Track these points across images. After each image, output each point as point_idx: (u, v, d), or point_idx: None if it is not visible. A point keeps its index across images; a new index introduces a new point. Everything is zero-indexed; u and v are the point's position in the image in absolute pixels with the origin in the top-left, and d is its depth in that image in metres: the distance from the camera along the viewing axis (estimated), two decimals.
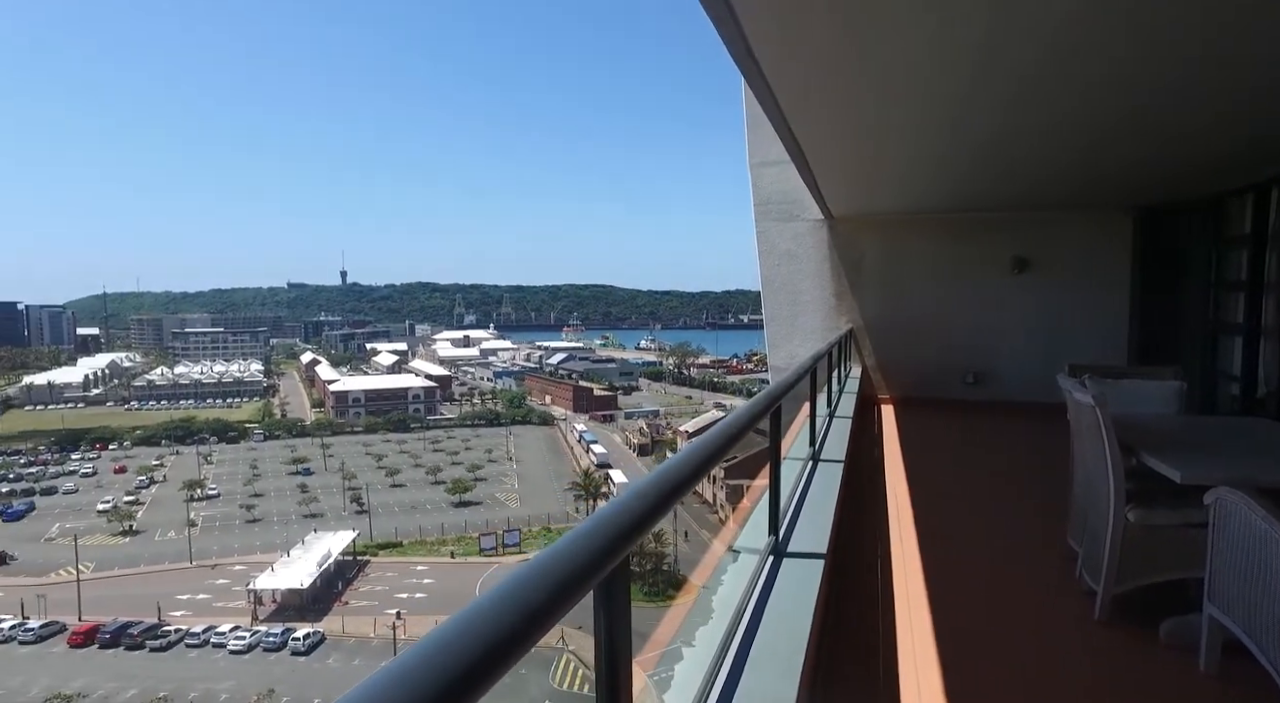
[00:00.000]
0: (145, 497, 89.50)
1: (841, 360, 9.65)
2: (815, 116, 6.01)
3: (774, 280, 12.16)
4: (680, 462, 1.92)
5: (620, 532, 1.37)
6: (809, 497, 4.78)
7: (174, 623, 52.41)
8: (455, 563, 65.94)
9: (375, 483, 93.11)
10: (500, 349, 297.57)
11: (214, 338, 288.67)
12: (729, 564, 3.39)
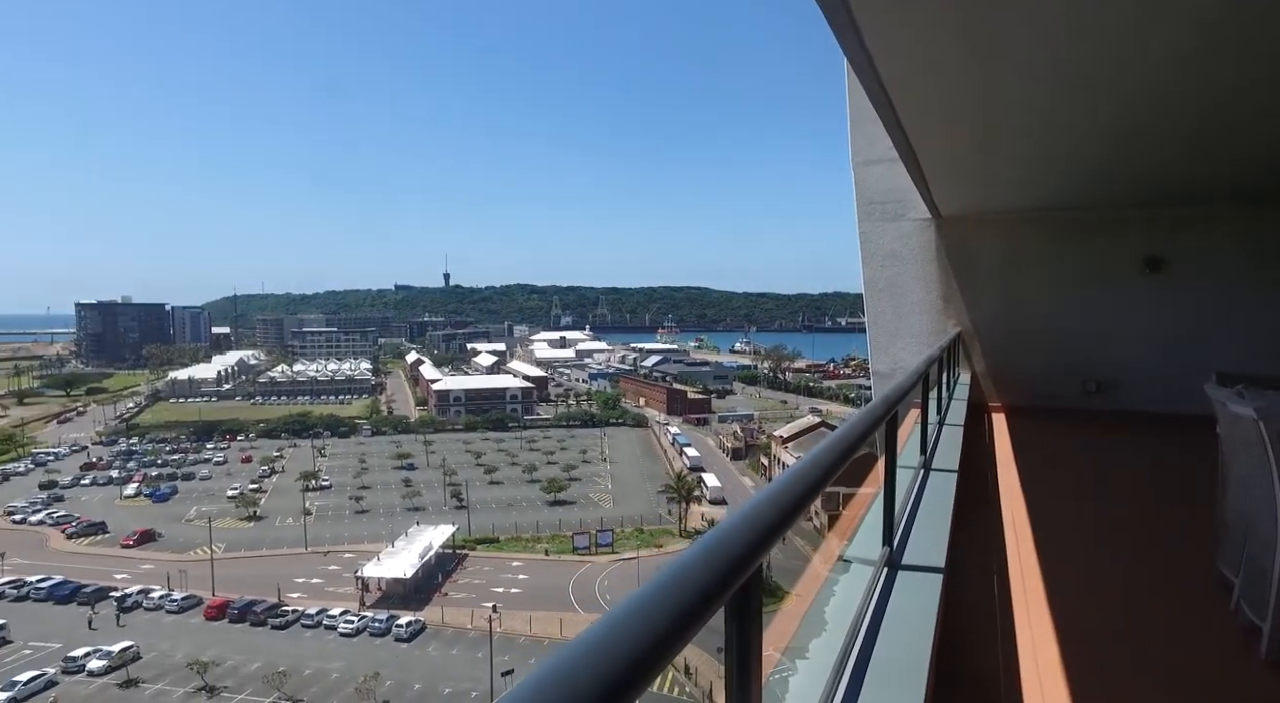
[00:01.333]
0: (267, 485, 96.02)
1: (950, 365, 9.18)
2: (928, 109, 5.70)
3: (877, 283, 11.71)
4: (808, 466, 1.90)
5: (753, 540, 1.30)
6: (921, 507, 4.53)
7: (291, 604, 56.00)
8: (549, 560, 67.27)
9: (474, 479, 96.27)
10: (596, 351, 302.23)
11: (328, 338, 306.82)
12: (840, 574, 3.24)
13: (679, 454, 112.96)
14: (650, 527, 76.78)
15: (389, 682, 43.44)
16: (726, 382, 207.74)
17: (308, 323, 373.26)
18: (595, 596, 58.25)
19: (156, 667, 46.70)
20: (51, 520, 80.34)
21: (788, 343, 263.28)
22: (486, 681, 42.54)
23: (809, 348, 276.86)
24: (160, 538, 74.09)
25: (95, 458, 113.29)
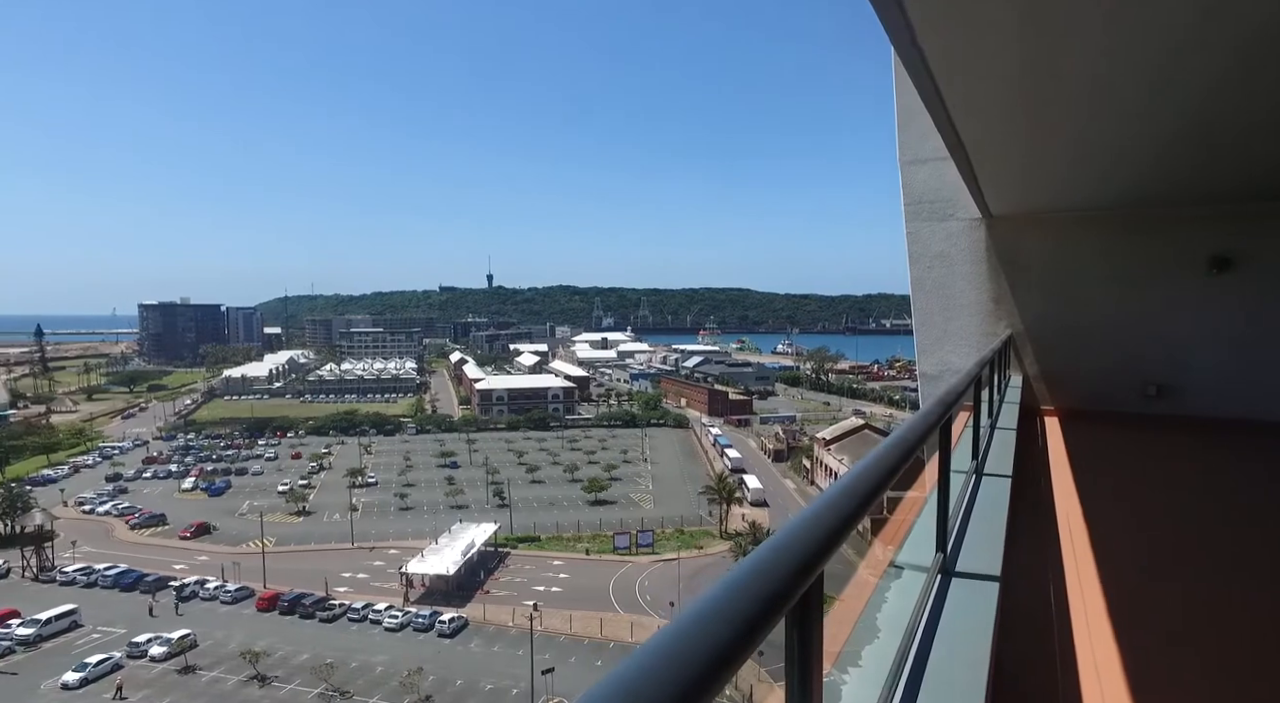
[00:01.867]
0: (316, 481, 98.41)
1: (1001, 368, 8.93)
2: (981, 106, 5.55)
3: (925, 283, 11.44)
4: (867, 471, 1.83)
5: (814, 548, 1.25)
6: (974, 513, 4.40)
7: (338, 598, 57.33)
8: (590, 560, 67.54)
9: (516, 478, 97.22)
10: (637, 351, 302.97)
11: (375, 338, 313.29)
12: (892, 581, 3.16)
13: (720, 456, 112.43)
14: (691, 528, 76.56)
15: (432, 677, 44.14)
16: (768, 383, 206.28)
17: (355, 323, 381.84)
18: (635, 596, 58.29)
19: (212, 655, 48.27)
20: (117, 512, 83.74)
21: (831, 345, 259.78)
22: (527, 678, 42.91)
23: (852, 350, 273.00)
24: (215, 531, 76.61)
25: (156, 453, 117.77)
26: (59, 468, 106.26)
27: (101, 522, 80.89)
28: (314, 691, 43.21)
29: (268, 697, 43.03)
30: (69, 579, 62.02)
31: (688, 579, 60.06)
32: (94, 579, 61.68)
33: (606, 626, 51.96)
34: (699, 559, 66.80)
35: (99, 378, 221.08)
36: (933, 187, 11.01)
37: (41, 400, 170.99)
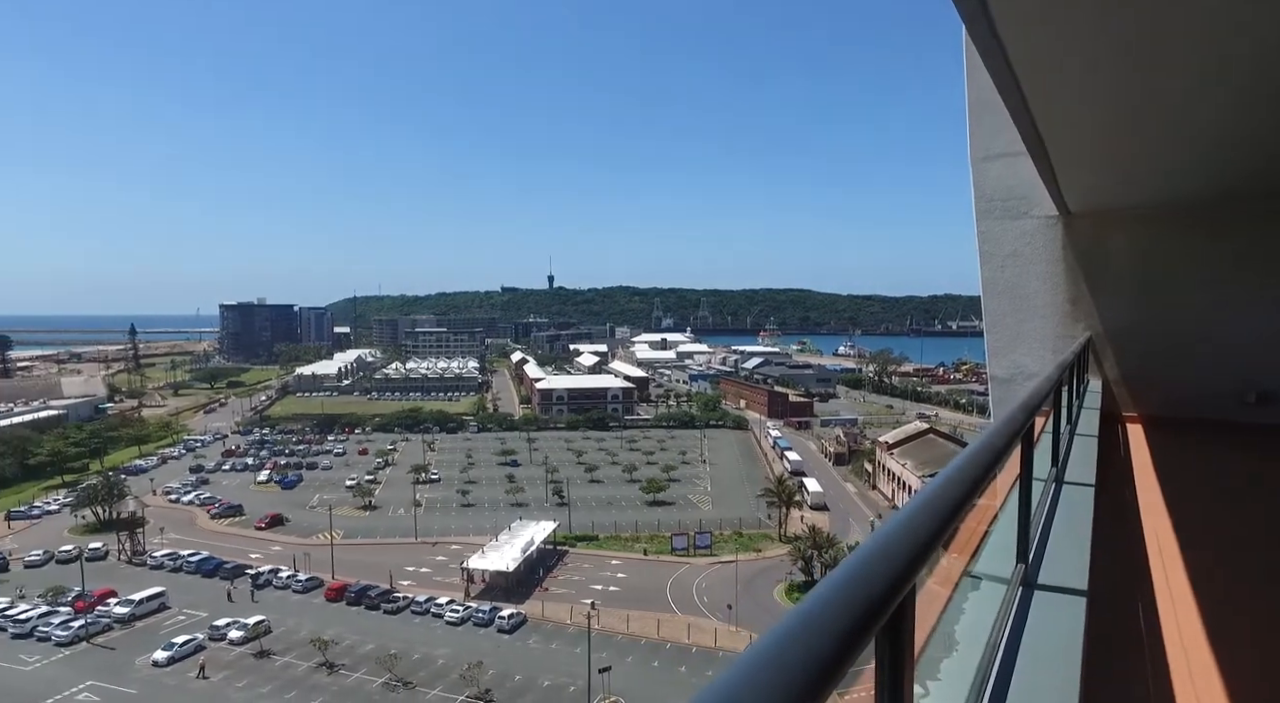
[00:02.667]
0: (381, 477, 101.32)
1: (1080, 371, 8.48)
2: (1062, 96, 5.24)
3: (996, 284, 10.96)
4: (952, 480, 1.75)
5: (903, 564, 1.18)
6: (1055, 523, 4.16)
7: (402, 591, 58.87)
8: (647, 560, 67.58)
9: (575, 478, 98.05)
10: (696, 352, 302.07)
11: (438, 337, 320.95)
12: (969, 592, 2.99)
13: (779, 458, 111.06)
14: (749, 531, 75.84)
15: (491, 671, 44.83)
16: (829, 385, 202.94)
17: (420, 323, 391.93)
18: (693, 598, 58.05)
19: (285, 641, 50.21)
20: (199, 502, 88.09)
21: (894, 347, 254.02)
22: (584, 676, 43.19)
23: (917, 352, 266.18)
24: (288, 522, 79.71)
25: (234, 446, 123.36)
26: (149, 459, 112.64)
27: (186, 510, 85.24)
28: (378, 680, 44.46)
29: (335, 684, 44.47)
30: (157, 563, 65.66)
31: (746, 582, 59.49)
32: (179, 564, 65.13)
33: (663, 627, 51.90)
34: (757, 562, 66.08)
35: (184, 374, 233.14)
36: (1006, 184, 10.55)
37: (134, 395, 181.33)
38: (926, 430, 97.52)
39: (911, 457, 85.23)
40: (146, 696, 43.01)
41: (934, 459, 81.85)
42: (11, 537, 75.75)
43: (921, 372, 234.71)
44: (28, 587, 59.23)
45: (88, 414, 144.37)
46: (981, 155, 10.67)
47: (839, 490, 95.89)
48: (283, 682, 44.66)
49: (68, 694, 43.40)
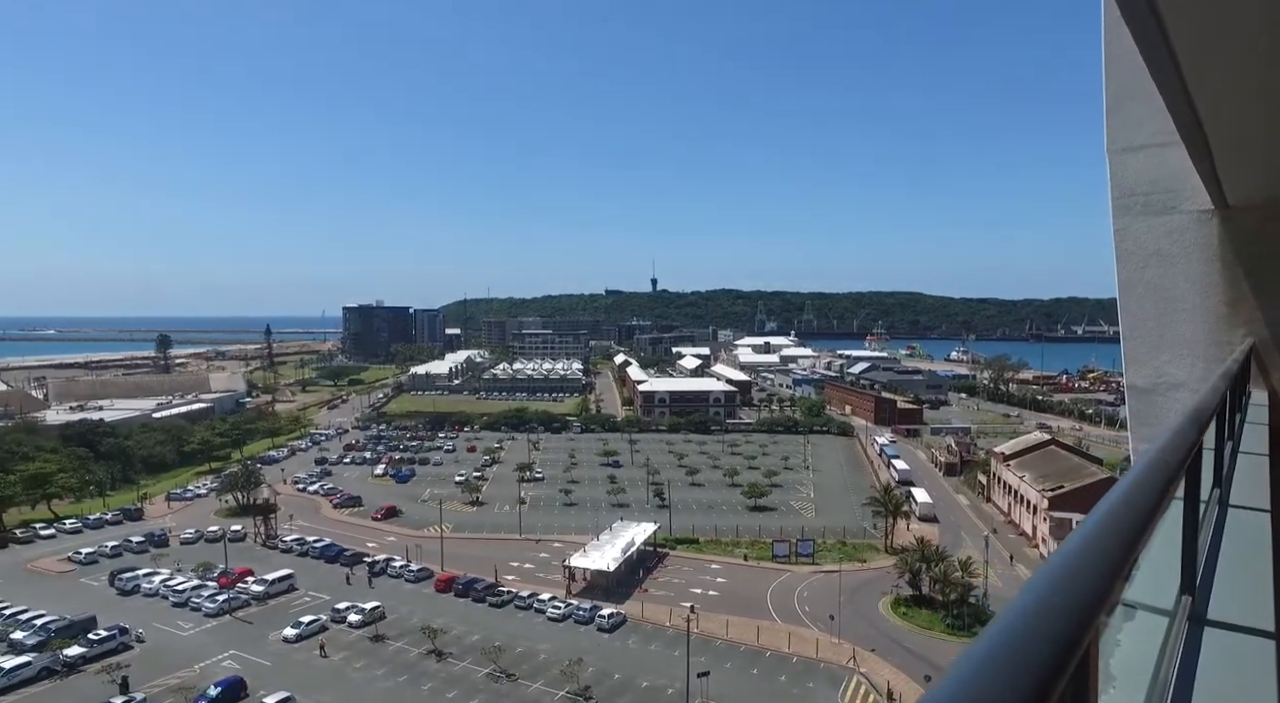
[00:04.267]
0: (489, 474, 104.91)
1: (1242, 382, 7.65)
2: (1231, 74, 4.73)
3: (1136, 286, 10.04)
4: (1120, 508, 1.59)
5: (1087, 600, 1.04)
6: (1223, 551, 3.75)
7: (507, 585, 60.71)
8: (747, 566, 66.76)
9: (676, 480, 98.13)
10: (800, 356, 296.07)
11: (544, 339, 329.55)
12: (1123, 622, 2.71)
13: (886, 466, 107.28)
14: (854, 540, 73.56)
15: (591, 669, 45.47)
16: (940, 392, 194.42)
17: (526, 325, 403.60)
18: (794, 607, 56.87)
19: (397, 627, 52.86)
20: (323, 492, 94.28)
21: (1011, 352, 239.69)
22: (682, 679, 43.12)
23: (1037, 358, 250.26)
24: (402, 515, 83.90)
25: (354, 440, 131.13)
26: (280, 450, 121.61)
27: (311, 499, 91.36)
28: (483, 670, 45.99)
29: (443, 671, 46.36)
30: (287, 547, 70.81)
31: (849, 593, 57.71)
32: (305, 549, 69.95)
33: (763, 634, 51.09)
34: (861, 573, 64.01)
35: (311, 372, 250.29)
36: (1150, 176, 9.68)
37: (268, 391, 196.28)
38: (1049, 442, 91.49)
39: (1031, 469, 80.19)
40: (278, 669, 46.32)
41: (1057, 473, 76.65)
42: (171, 516, 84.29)
43: (1042, 379, 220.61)
44: (183, 561, 65.71)
45: (230, 408, 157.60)
46: (1120, 147, 9.84)
47: (950, 502, 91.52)
48: (395, 666, 46.99)
49: (214, 660, 47.47)
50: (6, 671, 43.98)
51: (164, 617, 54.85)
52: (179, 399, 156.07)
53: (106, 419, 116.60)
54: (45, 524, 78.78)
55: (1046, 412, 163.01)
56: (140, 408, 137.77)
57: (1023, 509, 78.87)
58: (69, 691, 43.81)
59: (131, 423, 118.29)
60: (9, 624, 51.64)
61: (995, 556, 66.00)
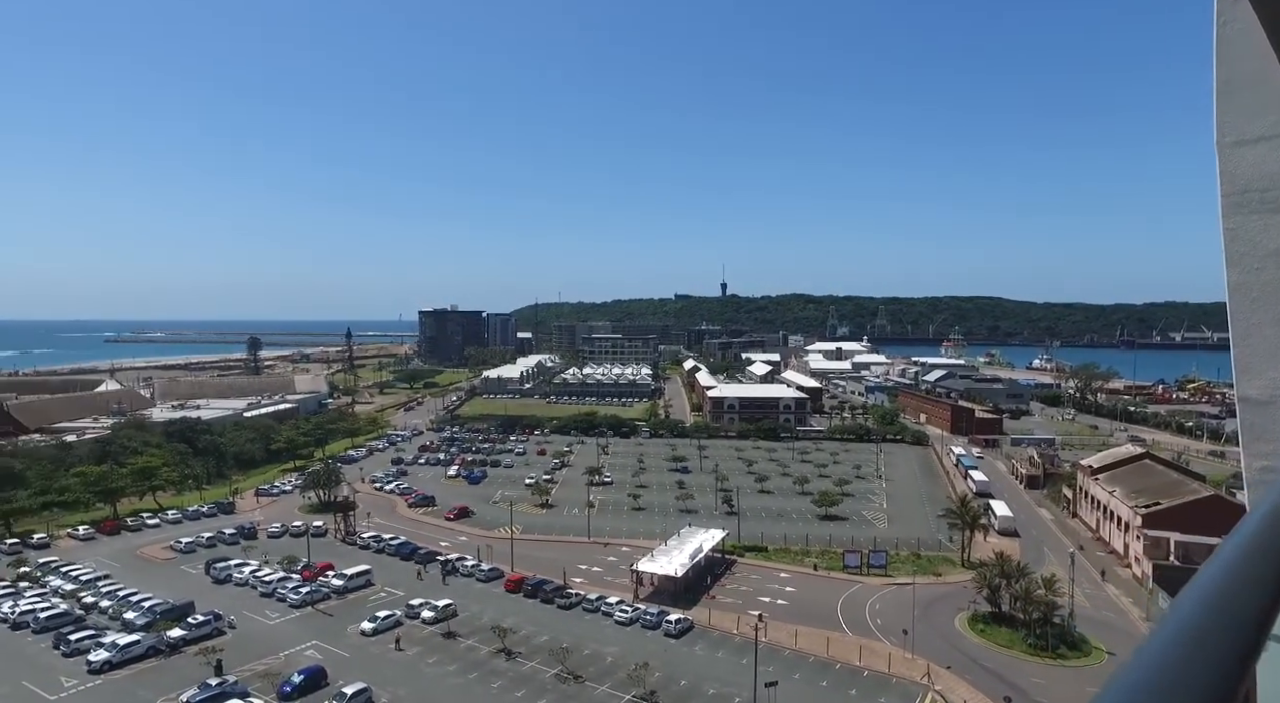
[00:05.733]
0: (558, 477, 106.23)
1: None
2: None
3: (1250, 289, 9.40)
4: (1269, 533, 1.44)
5: (1246, 638, 0.96)
6: None
7: (575, 587, 61.30)
8: (817, 575, 65.51)
9: (745, 487, 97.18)
10: (873, 363, 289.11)
11: (613, 343, 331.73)
12: (1272, 658, 2.41)
13: (963, 477, 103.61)
14: (928, 553, 71.27)
15: (657, 673, 45.43)
16: (1022, 401, 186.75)
17: (596, 329, 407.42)
18: (866, 619, 55.48)
19: (468, 625, 54.06)
20: (399, 491, 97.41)
21: (1100, 360, 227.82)
22: (749, 688, 42.61)
23: (1129, 366, 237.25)
24: (473, 515, 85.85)
25: (428, 441, 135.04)
26: (359, 449, 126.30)
27: (388, 498, 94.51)
28: (551, 671, 46.55)
29: (512, 670, 47.15)
30: (364, 543, 73.47)
31: (924, 607, 55.92)
32: (382, 546, 72.41)
33: (833, 646, 50.03)
34: (936, 587, 61.95)
35: (388, 374, 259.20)
36: (1268, 171, 9.04)
37: (348, 392, 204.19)
38: (1142, 455, 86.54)
39: (1123, 484, 76.02)
40: (355, 660, 48.05)
41: (1152, 488, 72.41)
42: (260, 510, 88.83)
43: (1135, 389, 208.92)
44: (270, 553, 69.17)
45: (313, 408, 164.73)
46: (1233, 140, 9.22)
47: (1031, 516, 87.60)
48: (466, 663, 48.06)
49: (297, 649, 49.66)
50: (121, 646, 47.56)
51: (253, 605, 57.74)
52: (267, 399, 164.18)
53: (203, 417, 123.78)
54: (151, 514, 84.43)
55: (1140, 423, 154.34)
56: (232, 407, 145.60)
57: (1112, 526, 74.80)
58: (171, 669, 46.61)
59: (225, 421, 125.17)
60: (122, 605, 56.04)
61: (1082, 573, 62.84)
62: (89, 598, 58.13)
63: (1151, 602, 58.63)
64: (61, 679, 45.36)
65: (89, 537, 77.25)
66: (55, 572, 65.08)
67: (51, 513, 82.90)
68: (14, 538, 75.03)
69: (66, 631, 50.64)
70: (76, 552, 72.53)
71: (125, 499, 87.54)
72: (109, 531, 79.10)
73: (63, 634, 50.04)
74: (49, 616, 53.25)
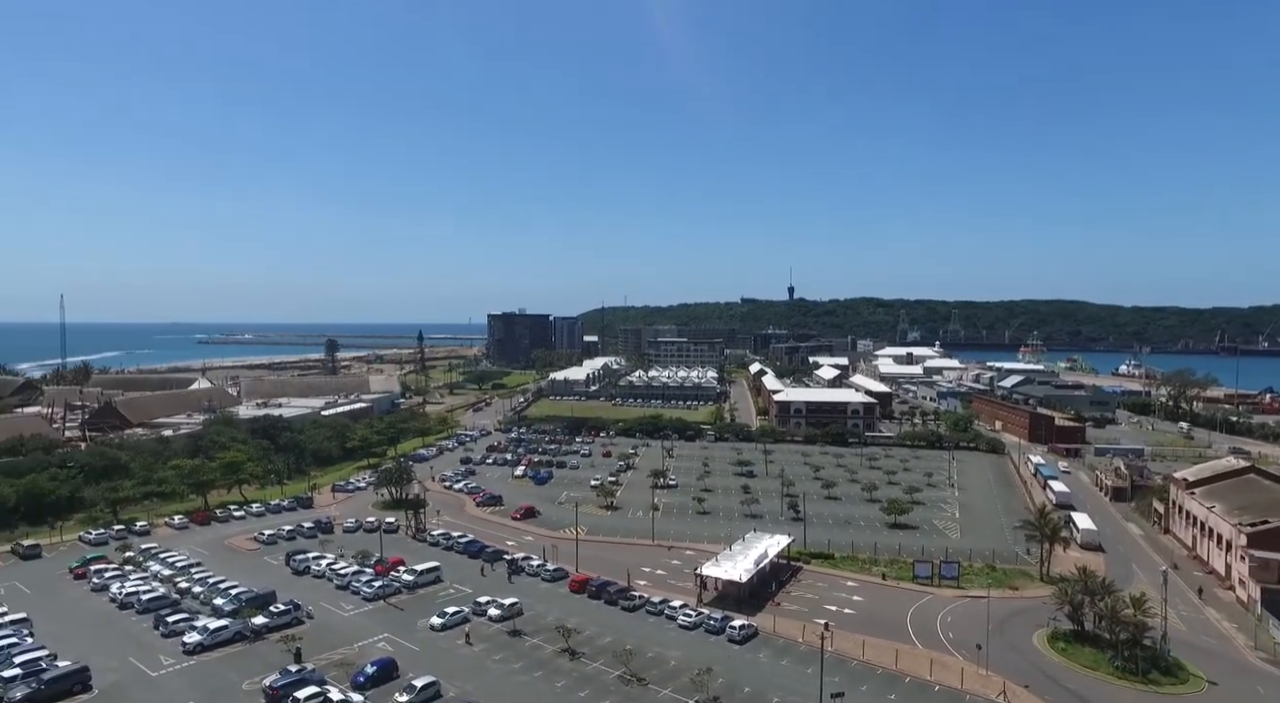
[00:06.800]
0: (623, 479, 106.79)
1: None
2: None
3: None
4: None
5: None
6: None
7: (638, 590, 61.39)
8: (886, 585, 63.83)
9: (811, 493, 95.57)
10: (945, 368, 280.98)
11: (679, 347, 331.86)
12: None
13: (1042, 488, 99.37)
14: (1004, 565, 68.55)
15: (720, 679, 44.98)
16: (1107, 409, 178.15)
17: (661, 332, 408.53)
18: (937, 632, 53.72)
19: (533, 624, 54.79)
20: (467, 490, 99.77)
21: (1197, 367, 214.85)
22: (815, 698, 41.75)
23: (1229, 374, 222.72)
24: (539, 515, 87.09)
25: (496, 442, 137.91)
26: (429, 449, 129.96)
27: (456, 497, 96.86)
28: (614, 672, 46.69)
29: (576, 670, 47.48)
30: (434, 541, 75.48)
31: (999, 622, 53.78)
32: (450, 544, 74.21)
33: (903, 658, 48.60)
34: (1013, 601, 59.50)
35: (458, 376, 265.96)
36: None
37: (419, 393, 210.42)
38: (1246, 469, 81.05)
39: (1222, 500, 71.35)
40: (425, 654, 49.32)
41: (1258, 506, 67.63)
42: (336, 506, 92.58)
43: (1237, 398, 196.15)
44: (345, 548, 72.00)
45: (386, 408, 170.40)
46: None
47: (1118, 530, 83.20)
48: (531, 661, 48.71)
49: (370, 641, 51.34)
50: (211, 630, 50.36)
51: (329, 597, 60.02)
52: (343, 399, 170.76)
53: (284, 415, 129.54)
54: (237, 507, 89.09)
55: (1243, 435, 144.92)
56: (311, 406, 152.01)
57: (1211, 544, 70.28)
58: (255, 654, 48.90)
59: (304, 419, 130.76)
60: (212, 591, 59.37)
61: (1176, 594, 59.21)
62: (183, 583, 61.95)
63: (1260, 629, 54.73)
64: (160, 658, 48.33)
65: (183, 526, 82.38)
66: (155, 558, 69.86)
67: (151, 503, 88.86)
68: (120, 525, 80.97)
69: (165, 613, 54.25)
70: (172, 540, 77.24)
71: (214, 492, 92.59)
72: (200, 521, 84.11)
73: (161, 616, 53.67)
74: (150, 598, 57.30)
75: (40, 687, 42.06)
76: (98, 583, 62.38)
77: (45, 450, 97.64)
